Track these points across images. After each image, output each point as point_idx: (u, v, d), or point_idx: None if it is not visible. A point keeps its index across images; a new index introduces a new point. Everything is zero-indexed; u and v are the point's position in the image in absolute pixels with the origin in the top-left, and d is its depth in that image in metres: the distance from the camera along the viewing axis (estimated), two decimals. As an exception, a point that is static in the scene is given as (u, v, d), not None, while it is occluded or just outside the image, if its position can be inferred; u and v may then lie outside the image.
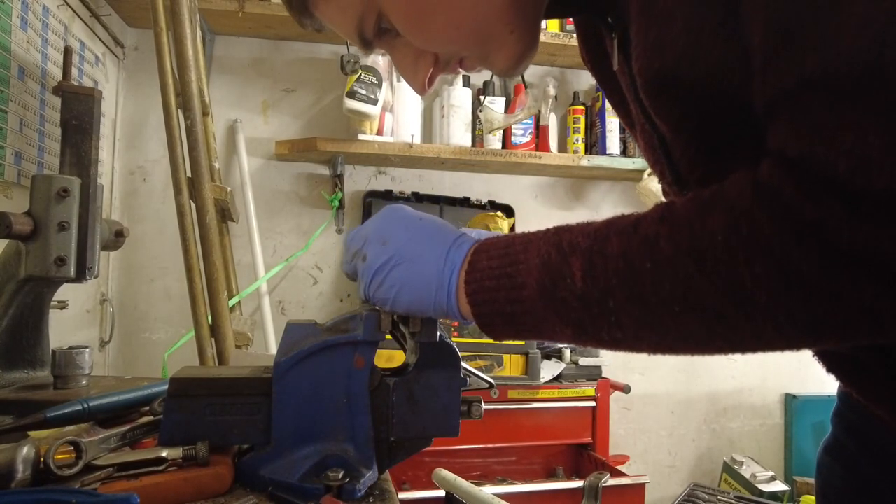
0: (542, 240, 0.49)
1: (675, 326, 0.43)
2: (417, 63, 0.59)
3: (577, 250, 0.46)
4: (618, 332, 0.45)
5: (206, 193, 1.45)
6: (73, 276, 0.87)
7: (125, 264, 2.00)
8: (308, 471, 0.58)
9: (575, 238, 0.47)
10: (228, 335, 1.45)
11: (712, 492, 2.11)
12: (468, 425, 0.65)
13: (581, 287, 0.45)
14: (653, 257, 0.42)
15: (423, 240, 0.55)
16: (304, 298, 2.15)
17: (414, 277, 0.54)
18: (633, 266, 0.43)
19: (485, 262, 0.51)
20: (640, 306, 0.43)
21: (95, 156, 0.94)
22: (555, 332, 0.48)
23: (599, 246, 0.45)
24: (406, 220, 0.57)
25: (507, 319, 0.50)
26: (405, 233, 0.56)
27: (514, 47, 0.57)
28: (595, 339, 0.47)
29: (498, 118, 1.98)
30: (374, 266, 0.55)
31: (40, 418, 0.64)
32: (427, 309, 0.55)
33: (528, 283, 0.48)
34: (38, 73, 1.32)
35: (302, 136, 2.10)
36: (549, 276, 0.47)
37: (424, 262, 0.54)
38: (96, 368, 1.61)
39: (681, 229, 0.41)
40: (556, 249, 0.47)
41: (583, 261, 0.45)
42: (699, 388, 2.46)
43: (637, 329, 0.44)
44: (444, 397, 0.63)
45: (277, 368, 0.59)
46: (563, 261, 0.46)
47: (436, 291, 0.53)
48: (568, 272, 0.45)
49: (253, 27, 2.01)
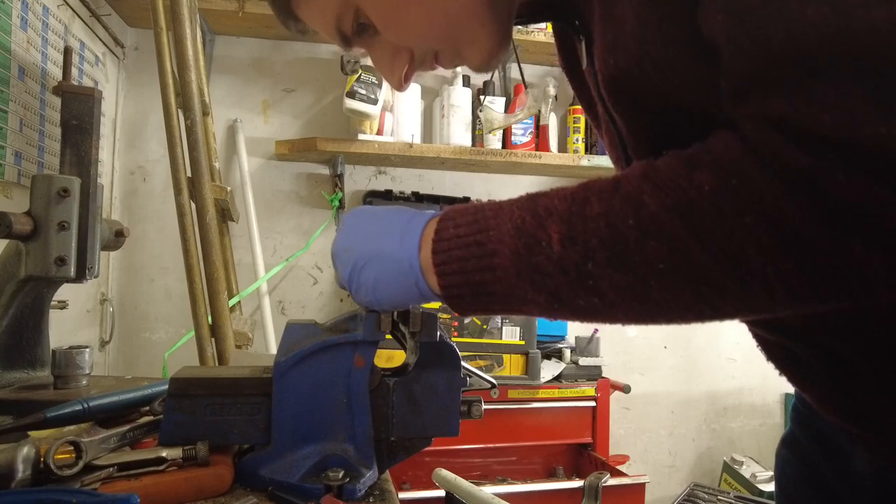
0: (515, 205, 0.48)
1: (658, 289, 0.41)
2: (394, 60, 0.61)
3: (553, 214, 0.44)
4: (595, 297, 0.43)
5: (206, 193, 1.45)
6: (74, 276, 0.87)
7: (125, 264, 2.00)
8: (308, 471, 0.58)
9: (551, 202, 0.45)
10: (228, 335, 1.45)
11: (712, 492, 2.11)
12: (468, 425, 0.65)
13: (559, 251, 0.43)
14: (636, 215, 0.41)
15: (379, 234, 0.55)
16: (304, 298, 2.15)
17: (381, 272, 0.54)
18: (615, 226, 0.41)
19: (451, 230, 0.50)
20: (622, 269, 0.41)
21: (95, 156, 0.94)
22: (526, 301, 0.46)
23: (578, 208, 0.43)
24: (361, 220, 0.57)
25: (475, 290, 0.48)
26: (362, 233, 0.56)
27: (486, 42, 0.59)
28: (569, 307, 0.45)
29: (498, 118, 1.98)
30: (345, 275, 0.56)
31: (40, 418, 0.64)
32: (406, 297, 0.55)
33: (500, 250, 0.46)
34: (38, 73, 1.32)
35: (302, 136, 2.10)
36: (523, 242, 0.45)
37: (384, 254, 0.53)
38: (96, 368, 1.61)
39: (666, 185, 0.40)
40: (530, 214, 0.46)
41: (561, 224, 0.44)
42: (699, 388, 2.46)
43: (616, 294, 0.43)
44: (444, 397, 0.63)
45: (277, 368, 0.59)
46: (538, 225, 0.45)
47: (404, 278, 0.53)
48: (544, 237, 0.44)
49: (253, 27, 2.01)
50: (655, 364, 2.42)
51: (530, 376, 1.85)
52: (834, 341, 0.51)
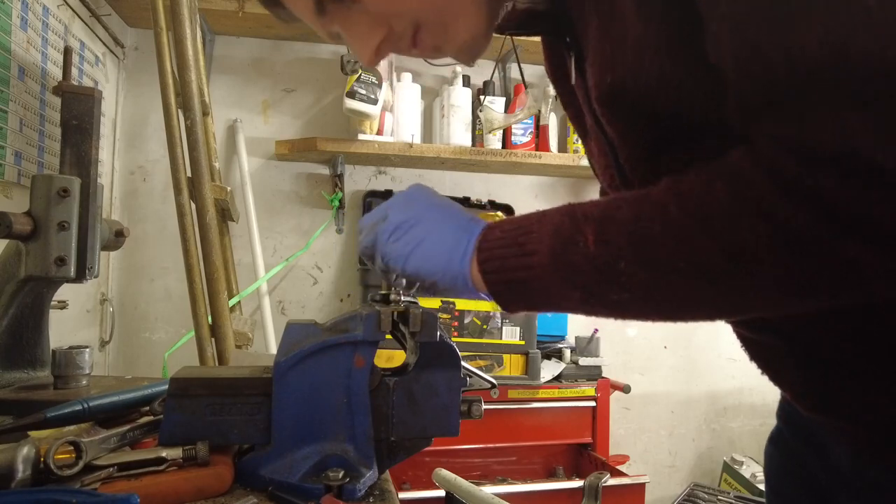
0: (556, 212, 0.52)
1: (680, 286, 0.46)
2: (370, 31, 0.58)
3: (589, 218, 0.49)
4: (625, 293, 0.48)
5: (206, 193, 1.45)
6: (73, 276, 0.87)
7: (125, 264, 2.00)
8: (308, 471, 0.58)
9: (587, 209, 0.50)
10: (228, 335, 1.45)
11: (712, 492, 2.11)
12: (468, 425, 0.65)
13: (593, 251, 0.48)
14: (662, 220, 0.45)
15: (445, 208, 0.59)
16: (304, 298, 2.15)
17: (433, 236, 0.56)
18: (643, 229, 0.46)
19: (497, 233, 0.54)
20: (649, 267, 0.46)
21: (95, 156, 0.94)
22: (562, 296, 0.51)
23: (611, 213, 0.48)
24: (430, 192, 0.61)
25: (515, 286, 0.52)
26: (428, 199, 0.59)
27: (474, 20, 0.58)
28: (602, 302, 0.50)
29: (498, 118, 1.98)
30: (395, 221, 0.58)
31: (40, 418, 0.64)
32: (437, 271, 0.56)
33: (540, 249, 0.51)
34: (38, 73, 1.32)
35: (302, 136, 2.10)
36: (560, 242, 0.49)
37: (444, 225, 0.57)
38: (96, 368, 1.61)
39: (689, 196, 0.45)
40: (569, 218, 0.50)
41: (595, 226, 0.48)
42: (699, 388, 2.46)
43: (644, 290, 0.47)
44: (444, 397, 0.63)
45: (277, 368, 0.59)
46: (575, 228, 0.49)
47: (450, 253, 0.55)
48: (580, 238, 0.48)
49: (253, 27, 2.01)
50: (655, 364, 2.42)
51: (530, 376, 1.85)
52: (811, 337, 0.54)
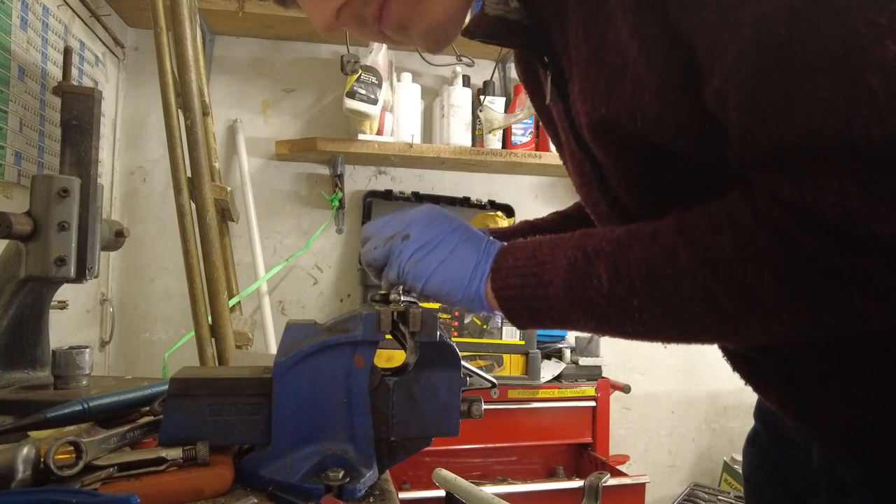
0: (568, 244, 0.54)
1: (692, 322, 0.49)
2: None
3: (601, 254, 0.51)
4: (640, 326, 0.50)
5: (206, 193, 1.45)
6: (73, 276, 0.87)
7: (125, 264, 2.00)
8: (308, 471, 0.58)
9: (599, 244, 0.52)
10: (228, 335, 1.45)
11: (712, 491, 2.11)
12: (468, 425, 0.65)
13: (608, 287, 0.50)
14: (673, 265, 0.48)
15: (464, 230, 0.61)
16: (304, 298, 2.15)
17: (455, 259, 0.58)
18: (654, 272, 0.48)
19: (511, 261, 0.56)
20: (662, 305, 0.49)
21: (95, 156, 0.94)
22: (578, 324, 0.54)
23: (622, 251, 0.50)
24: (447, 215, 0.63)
25: (532, 314, 0.55)
26: (448, 223, 0.61)
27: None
28: (617, 331, 0.53)
29: (498, 118, 1.98)
30: (419, 241, 0.59)
31: (40, 418, 0.64)
32: (456, 292, 0.58)
33: (555, 281, 0.53)
34: (38, 73, 1.32)
35: (302, 136, 2.10)
36: (575, 276, 0.52)
37: (465, 248, 0.59)
38: (96, 368, 1.61)
39: (695, 243, 0.47)
40: (581, 253, 0.52)
41: (608, 264, 0.50)
42: (699, 388, 2.46)
43: (657, 324, 0.50)
44: (444, 397, 0.63)
45: (277, 368, 0.59)
46: (588, 263, 0.51)
47: (469, 277, 0.57)
48: (595, 274, 0.51)
49: (253, 27, 2.01)
50: (655, 364, 2.42)
51: (530, 376, 1.85)
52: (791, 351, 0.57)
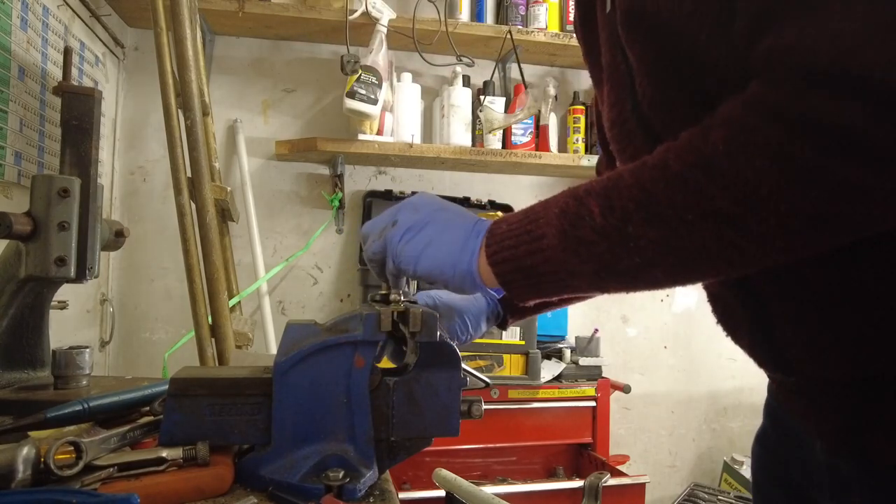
0: (559, 196, 0.54)
1: (689, 238, 0.46)
2: None
3: (592, 193, 0.50)
4: (636, 257, 0.49)
5: (206, 193, 1.45)
6: (74, 276, 0.87)
7: (125, 264, 2.00)
8: (308, 471, 0.58)
9: (589, 185, 0.52)
10: (228, 335, 1.45)
11: (712, 491, 2.11)
12: (468, 425, 0.65)
13: (600, 221, 0.49)
14: (665, 177, 0.46)
15: (452, 210, 0.61)
16: (304, 298, 2.15)
17: (443, 237, 0.58)
18: (647, 189, 0.47)
19: (504, 227, 0.56)
20: (657, 225, 0.47)
21: (95, 156, 0.94)
22: (574, 274, 0.52)
23: (613, 184, 0.49)
24: (436, 197, 0.63)
25: (527, 274, 0.54)
26: (435, 204, 0.62)
27: None
28: (614, 271, 0.50)
29: (498, 118, 1.98)
30: (406, 224, 0.60)
31: (40, 418, 0.64)
32: (447, 269, 0.58)
33: (548, 232, 0.52)
34: (38, 73, 1.32)
35: (302, 136, 2.10)
36: (567, 220, 0.51)
37: (453, 225, 0.59)
38: (96, 368, 1.61)
39: (687, 149, 0.46)
40: (572, 198, 0.52)
41: (599, 199, 0.49)
42: (699, 388, 2.46)
43: (655, 251, 0.48)
44: (444, 397, 0.63)
45: (277, 368, 0.59)
46: (580, 205, 0.50)
47: (459, 252, 0.57)
48: (586, 212, 0.50)
49: (253, 27, 2.01)
50: (655, 364, 2.42)
51: (530, 376, 1.85)
52: (765, 288, 0.56)
